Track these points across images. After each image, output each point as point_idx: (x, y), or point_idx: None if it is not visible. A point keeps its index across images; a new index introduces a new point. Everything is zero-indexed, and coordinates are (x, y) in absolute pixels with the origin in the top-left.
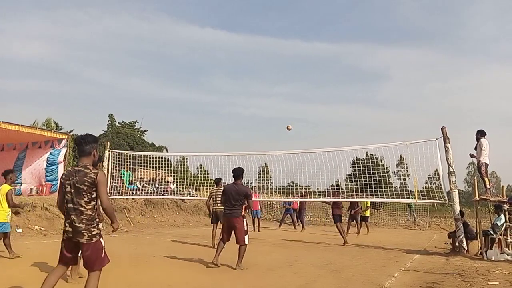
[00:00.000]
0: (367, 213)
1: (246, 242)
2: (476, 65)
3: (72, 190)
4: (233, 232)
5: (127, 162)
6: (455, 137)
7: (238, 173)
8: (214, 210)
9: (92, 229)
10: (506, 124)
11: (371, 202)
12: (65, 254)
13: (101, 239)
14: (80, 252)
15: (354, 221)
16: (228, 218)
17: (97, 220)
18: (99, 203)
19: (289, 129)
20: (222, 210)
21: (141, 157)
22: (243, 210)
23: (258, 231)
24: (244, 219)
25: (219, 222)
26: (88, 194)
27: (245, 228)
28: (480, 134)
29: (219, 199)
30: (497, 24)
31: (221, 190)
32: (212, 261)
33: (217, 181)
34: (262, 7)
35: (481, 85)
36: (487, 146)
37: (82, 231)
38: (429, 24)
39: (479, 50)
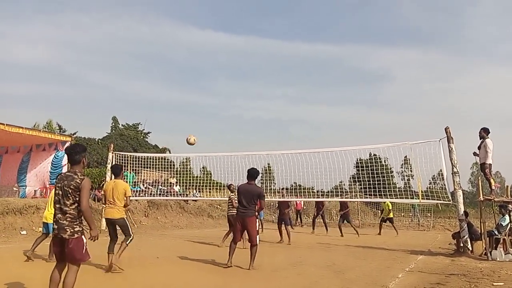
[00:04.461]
0: (391, 215)
1: (257, 242)
2: (478, 65)
3: (61, 192)
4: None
5: (130, 163)
6: (459, 137)
7: (252, 173)
8: (228, 214)
9: (75, 226)
10: (510, 124)
11: (374, 203)
12: (55, 250)
13: (83, 236)
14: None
15: (345, 221)
16: (242, 218)
17: (80, 219)
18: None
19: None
20: (233, 214)
21: (144, 159)
22: (256, 210)
23: (262, 232)
24: (257, 219)
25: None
26: (73, 197)
27: (257, 229)
28: (484, 131)
29: (231, 204)
30: (498, 24)
31: (233, 196)
32: (227, 263)
33: (229, 186)
34: (263, 9)
35: (484, 85)
36: (492, 147)
37: (65, 227)
38: (431, 25)
39: (481, 50)
